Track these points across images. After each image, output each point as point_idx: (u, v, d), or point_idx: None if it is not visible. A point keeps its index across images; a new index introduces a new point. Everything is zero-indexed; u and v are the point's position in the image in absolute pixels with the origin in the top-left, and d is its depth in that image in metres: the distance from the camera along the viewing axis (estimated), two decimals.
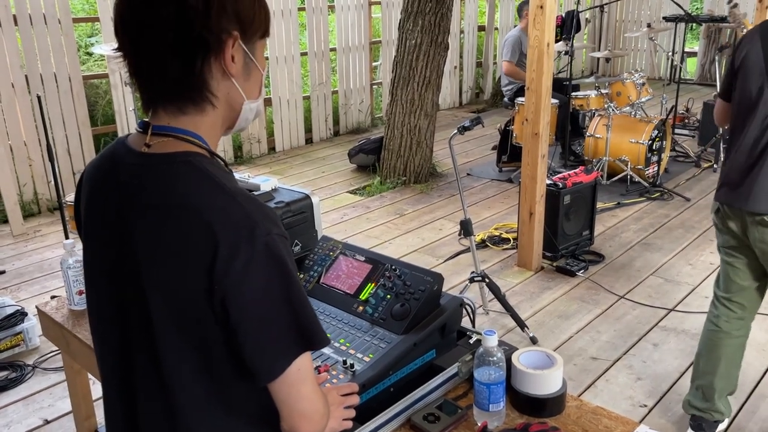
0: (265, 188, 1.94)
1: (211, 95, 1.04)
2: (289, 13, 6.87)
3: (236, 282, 0.96)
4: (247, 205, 0.99)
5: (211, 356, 1.03)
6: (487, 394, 1.40)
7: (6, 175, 4.82)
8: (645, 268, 4.20)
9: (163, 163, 1.03)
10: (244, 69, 1.06)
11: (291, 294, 1.00)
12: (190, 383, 1.06)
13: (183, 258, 0.98)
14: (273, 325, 1.00)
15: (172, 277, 1.00)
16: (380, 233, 4.88)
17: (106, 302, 1.14)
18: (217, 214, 0.97)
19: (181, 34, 0.98)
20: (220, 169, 1.05)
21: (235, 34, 1.02)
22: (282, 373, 1.01)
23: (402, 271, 1.62)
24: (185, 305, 1.00)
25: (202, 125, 1.06)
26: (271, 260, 0.98)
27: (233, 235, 0.96)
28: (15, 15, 5.02)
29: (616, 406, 2.84)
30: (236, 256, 0.95)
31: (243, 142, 6.82)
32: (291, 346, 1.02)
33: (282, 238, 1.00)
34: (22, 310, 3.43)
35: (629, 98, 5.79)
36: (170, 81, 1.02)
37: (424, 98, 5.75)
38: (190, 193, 1.00)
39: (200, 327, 1.01)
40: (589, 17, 10.57)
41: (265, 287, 0.98)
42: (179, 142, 1.04)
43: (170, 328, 1.03)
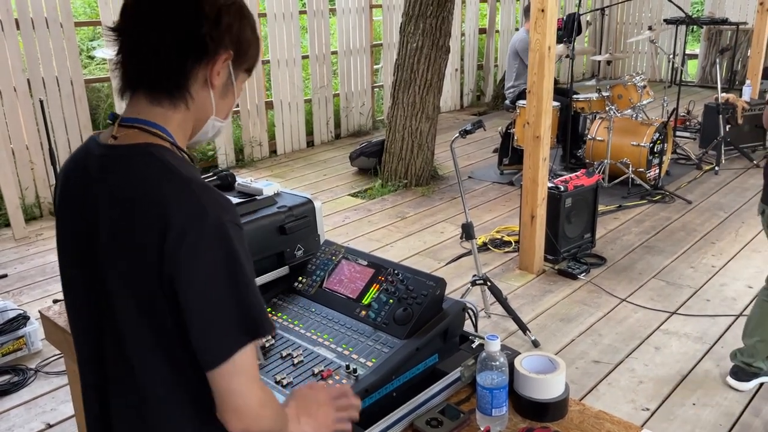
0: (267, 193, 1.93)
1: (188, 95, 1.11)
2: (291, 16, 6.88)
3: (183, 265, 1.00)
4: (199, 192, 1.03)
5: (170, 342, 1.06)
6: (489, 399, 1.40)
7: (8, 179, 4.83)
8: (647, 271, 4.20)
9: (126, 154, 1.08)
10: (223, 87, 1.14)
11: (236, 281, 1.02)
12: (154, 368, 1.08)
13: (139, 243, 1.02)
14: (215, 312, 1.01)
15: (130, 262, 1.04)
16: (382, 236, 4.88)
17: (79, 292, 1.18)
18: (170, 199, 1.02)
19: (190, 31, 1.07)
20: (182, 161, 1.09)
21: (230, 53, 1.11)
22: (219, 364, 1.02)
23: (404, 275, 1.62)
24: (142, 289, 1.04)
25: (172, 121, 1.12)
26: (217, 246, 1.01)
27: (183, 219, 1.00)
28: (17, 19, 5.03)
29: (619, 410, 2.83)
30: (183, 240, 0.99)
31: (244, 145, 6.83)
32: (230, 337, 1.02)
33: (233, 225, 1.03)
34: (24, 314, 3.43)
35: (630, 101, 5.79)
36: (160, 69, 1.08)
37: (426, 101, 5.75)
38: (147, 180, 1.05)
39: (157, 312, 1.04)
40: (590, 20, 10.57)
41: (210, 272, 1.01)
42: (144, 133, 1.09)
43: (131, 314, 1.06)
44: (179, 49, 1.07)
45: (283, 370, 1.47)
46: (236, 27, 1.11)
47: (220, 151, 6.62)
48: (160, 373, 1.09)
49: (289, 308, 1.71)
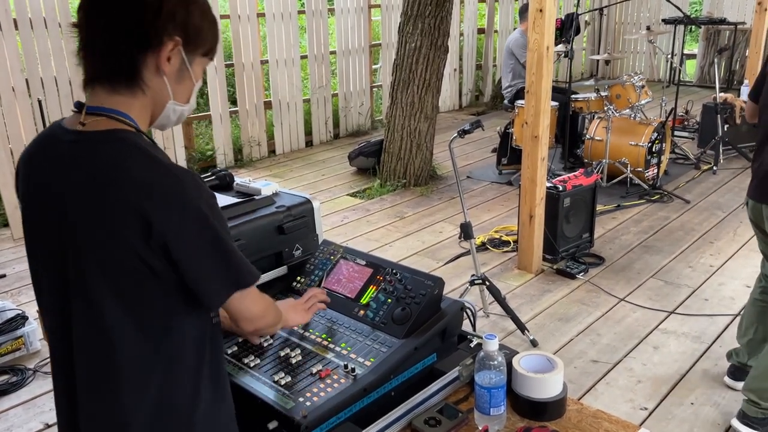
0: (265, 192, 1.94)
1: (142, 83, 1.16)
2: (289, 16, 6.88)
3: (172, 240, 1.10)
4: (178, 173, 1.12)
5: (143, 306, 1.14)
6: (487, 398, 1.40)
7: (6, 179, 4.82)
8: (645, 271, 4.20)
9: (99, 140, 1.13)
10: (178, 73, 1.19)
11: (222, 247, 1.15)
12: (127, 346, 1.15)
13: (120, 226, 1.09)
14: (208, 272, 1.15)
15: (110, 242, 1.10)
16: (380, 236, 4.88)
17: (48, 270, 1.22)
18: (154, 182, 1.09)
19: (131, 24, 1.12)
20: (150, 145, 1.15)
21: (177, 39, 1.14)
22: (226, 299, 1.19)
23: (403, 275, 1.63)
24: (122, 262, 1.11)
25: (134, 107, 1.17)
26: (199, 220, 1.12)
27: (167, 199, 1.09)
28: (15, 19, 5.02)
29: (617, 409, 2.84)
30: (170, 216, 1.09)
31: (243, 145, 6.83)
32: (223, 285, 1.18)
33: (211, 198, 1.15)
34: (23, 314, 3.43)
35: (629, 101, 5.80)
36: (111, 61, 1.13)
37: (424, 101, 5.76)
38: (126, 165, 1.10)
39: (136, 285, 1.12)
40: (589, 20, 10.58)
41: (197, 242, 1.12)
42: (111, 120, 1.14)
43: (105, 285, 1.13)
44: (125, 40, 1.12)
45: (282, 369, 1.47)
46: (181, 14, 1.14)
47: (218, 151, 6.61)
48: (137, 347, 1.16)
49: None
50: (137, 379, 1.17)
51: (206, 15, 1.20)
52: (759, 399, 2.60)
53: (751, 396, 2.63)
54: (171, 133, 6.12)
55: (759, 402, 2.60)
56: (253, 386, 1.42)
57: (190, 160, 6.40)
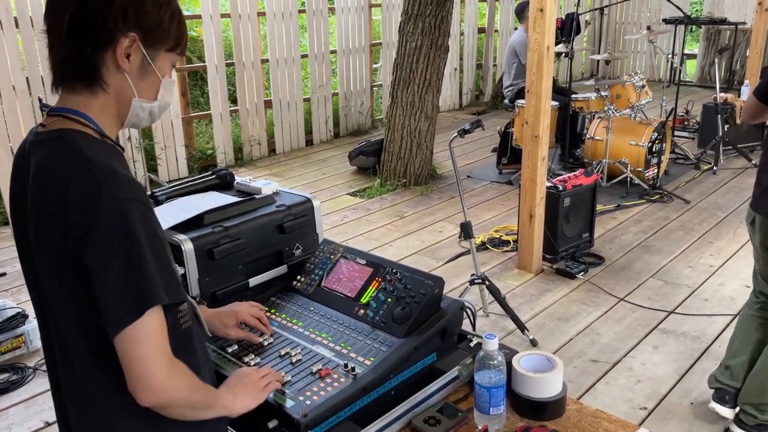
0: (266, 192, 1.94)
1: (102, 81, 1.14)
2: (290, 15, 6.88)
3: (82, 240, 1.05)
4: (98, 172, 1.07)
5: (87, 311, 1.10)
6: (487, 398, 1.40)
7: (7, 177, 4.81)
8: (645, 271, 4.20)
9: (46, 139, 1.15)
10: (140, 69, 1.16)
11: (128, 256, 1.06)
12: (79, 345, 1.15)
13: (49, 220, 1.09)
14: (109, 285, 1.06)
15: (45, 242, 1.11)
16: (380, 235, 4.88)
17: (27, 270, 1.23)
18: (71, 179, 1.07)
19: (78, 20, 1.10)
20: (96, 144, 1.13)
21: (132, 35, 1.12)
22: (116, 334, 1.06)
23: (403, 274, 1.63)
24: (55, 263, 1.10)
25: (93, 107, 1.16)
26: (111, 223, 1.05)
27: (82, 197, 1.06)
28: (16, 17, 5.03)
29: (616, 409, 2.84)
30: (82, 217, 1.05)
31: (243, 144, 6.83)
32: (125, 309, 1.06)
33: (132, 202, 1.07)
34: (23, 313, 3.43)
35: (629, 100, 5.80)
36: (66, 61, 1.13)
37: (425, 100, 5.76)
38: (54, 162, 1.11)
39: (72, 287, 1.10)
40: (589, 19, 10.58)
41: (104, 248, 1.05)
42: (68, 121, 1.14)
43: (51, 286, 1.14)
44: (78, 40, 1.11)
45: (282, 368, 1.47)
46: (133, 9, 1.11)
47: (219, 150, 6.62)
48: (85, 348, 1.14)
49: (288, 307, 1.71)
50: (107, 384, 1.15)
51: (165, 9, 1.16)
52: (757, 412, 2.60)
53: (748, 409, 2.62)
54: (171, 132, 6.13)
55: (756, 415, 2.60)
56: None
57: (190, 159, 6.40)
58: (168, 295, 1.09)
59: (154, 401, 1.09)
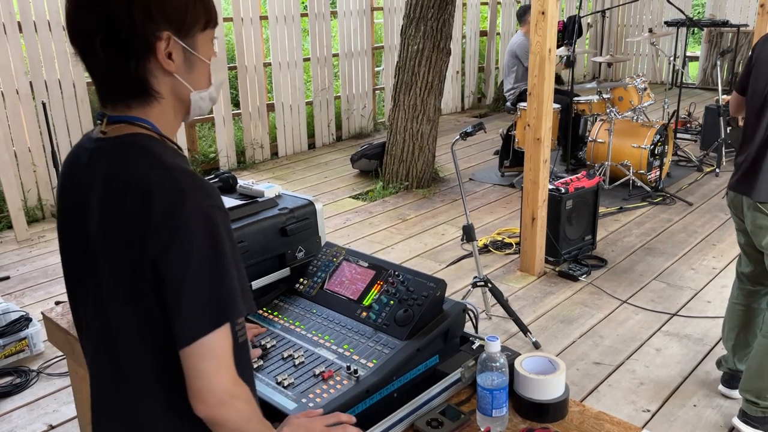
0: (268, 195, 1.95)
1: (153, 91, 1.11)
2: (292, 18, 6.90)
3: (163, 250, 1.02)
4: (182, 179, 1.05)
5: (154, 324, 1.08)
6: (490, 400, 1.40)
7: (10, 181, 4.84)
8: (647, 273, 4.20)
9: (113, 144, 1.12)
10: (185, 63, 1.12)
11: (213, 264, 1.03)
12: (138, 357, 1.12)
13: (125, 228, 1.05)
14: (187, 296, 1.03)
15: (118, 247, 1.07)
16: (383, 238, 4.88)
17: (77, 282, 1.20)
18: (153, 186, 1.04)
19: (109, 40, 1.06)
20: (166, 148, 1.12)
21: (166, 34, 1.07)
22: (188, 345, 1.03)
23: (405, 276, 1.63)
24: (128, 271, 1.06)
25: (151, 115, 1.13)
26: (198, 232, 1.02)
27: (166, 203, 1.02)
28: (19, 22, 5.05)
29: (619, 411, 2.84)
30: (166, 223, 1.02)
31: (246, 147, 6.84)
32: (198, 321, 1.03)
33: (215, 209, 1.05)
34: (26, 316, 3.44)
35: (631, 103, 5.80)
36: (112, 82, 1.11)
37: (427, 103, 5.77)
38: (131, 168, 1.08)
39: (142, 294, 1.06)
40: (591, 22, 10.59)
41: (188, 254, 1.02)
42: (131, 126, 1.12)
43: (118, 296, 1.09)
44: (114, 60, 1.07)
45: (285, 370, 1.47)
46: (155, 7, 1.05)
47: (221, 153, 6.63)
48: (144, 362, 1.11)
49: (291, 309, 1.72)
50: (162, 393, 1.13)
51: None
52: (757, 398, 2.61)
53: (748, 396, 2.64)
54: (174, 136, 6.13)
55: (757, 401, 2.61)
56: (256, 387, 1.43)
57: (193, 163, 6.42)
58: (245, 306, 1.08)
59: (209, 415, 1.06)
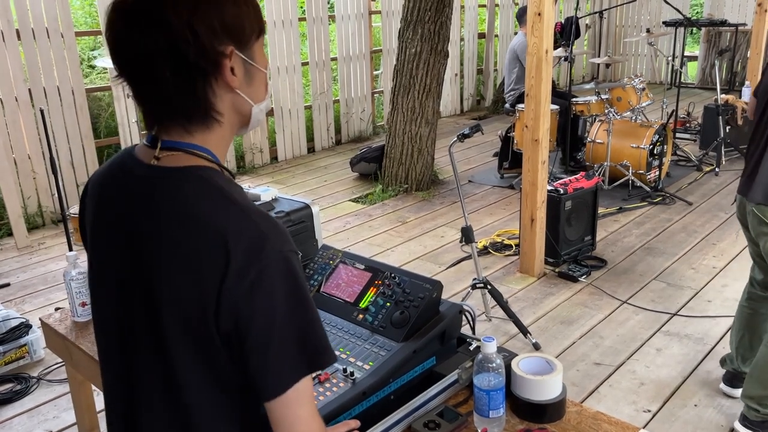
0: (265, 198, 1.95)
1: (216, 113, 1.04)
2: (290, 23, 6.91)
3: (245, 297, 0.96)
4: (260, 222, 0.99)
5: (220, 370, 1.02)
6: (486, 401, 1.40)
7: (10, 188, 4.85)
8: (647, 273, 4.19)
9: (175, 177, 1.02)
10: (245, 77, 1.05)
11: (300, 312, 0.99)
12: (201, 398, 1.04)
13: (195, 271, 0.98)
14: (278, 343, 0.98)
15: (185, 290, 0.99)
16: (382, 241, 4.88)
17: (112, 314, 1.12)
18: (230, 228, 0.97)
19: (176, 64, 0.97)
20: (231, 184, 1.04)
21: (231, 49, 1.01)
22: (283, 393, 0.98)
23: (401, 278, 1.63)
24: (197, 319, 0.98)
25: (211, 140, 1.06)
26: (281, 277, 0.97)
27: (245, 250, 0.96)
28: (18, 29, 5.06)
29: (620, 412, 2.83)
30: (247, 272, 0.95)
31: (245, 152, 6.85)
32: (293, 367, 0.99)
33: (294, 254, 1.00)
34: (26, 323, 3.44)
35: (630, 103, 5.80)
36: (173, 106, 1.02)
37: (425, 106, 5.77)
38: (203, 207, 0.99)
39: (210, 341, 0.99)
40: (589, 23, 10.60)
41: (273, 304, 0.97)
42: (188, 155, 1.04)
43: (182, 342, 1.01)
44: (180, 84, 0.99)
45: None
46: (216, 22, 0.98)
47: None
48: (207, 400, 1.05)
49: None
50: None
51: (236, 3, 1.02)
52: (758, 406, 2.59)
53: (749, 403, 2.62)
54: None
55: (758, 408, 2.59)
56: None
57: None
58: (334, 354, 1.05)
59: None
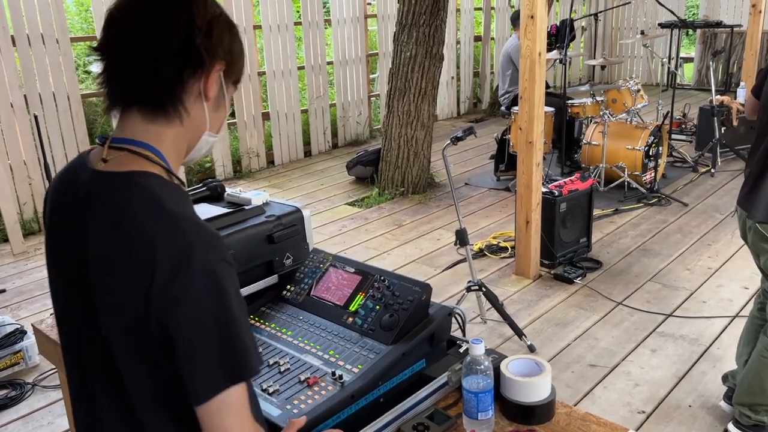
0: (255, 202, 1.95)
1: (183, 110, 1.07)
2: (285, 27, 6.92)
3: (171, 307, 0.97)
4: (189, 231, 1.00)
5: (160, 373, 1.04)
6: (475, 403, 1.40)
7: (6, 194, 4.85)
8: (643, 274, 4.20)
9: (114, 184, 1.04)
10: (215, 101, 1.11)
11: (223, 325, 1.00)
12: (144, 398, 1.07)
13: (127, 279, 1.00)
14: (201, 353, 0.99)
15: (120, 296, 1.01)
16: (378, 244, 4.89)
17: (67, 314, 1.17)
18: (158, 238, 0.98)
19: (184, 42, 1.03)
20: (171, 191, 1.05)
21: (222, 67, 1.09)
22: (206, 401, 1.00)
23: (391, 281, 1.63)
24: (133, 324, 1.01)
25: (165, 139, 1.08)
26: (205, 288, 0.98)
27: (171, 259, 0.97)
28: (13, 35, 5.07)
29: (614, 413, 2.83)
30: (172, 281, 0.97)
31: (242, 156, 6.86)
32: (216, 377, 1.00)
33: (223, 264, 1.01)
34: (21, 329, 3.44)
35: (625, 105, 5.82)
36: (154, 82, 1.04)
37: (421, 109, 5.78)
38: (134, 216, 1.01)
39: (146, 344, 1.01)
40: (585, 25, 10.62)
41: (197, 315, 0.98)
42: (135, 157, 1.05)
43: (121, 346, 1.04)
44: (175, 60, 1.03)
45: (270, 377, 1.47)
46: (227, 39, 1.09)
47: (217, 163, 6.64)
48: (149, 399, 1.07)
49: (277, 317, 1.72)
50: None
51: (241, 43, 1.15)
52: (750, 412, 2.59)
53: (741, 409, 2.62)
54: None
55: (750, 415, 2.59)
56: None
57: (189, 173, 6.43)
58: (258, 364, 1.05)
59: None
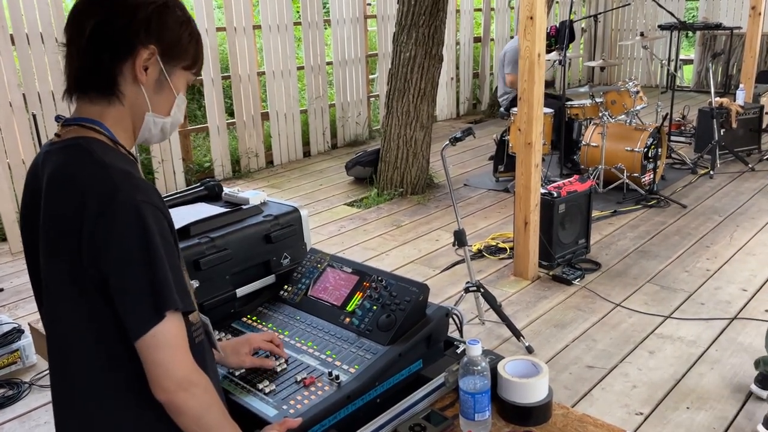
0: (253, 202, 1.95)
1: (118, 91, 1.16)
2: (285, 27, 6.92)
3: (100, 242, 1.06)
4: (116, 176, 1.09)
5: (102, 320, 1.12)
6: (472, 404, 1.40)
7: (4, 193, 4.84)
8: (641, 276, 4.20)
9: (60, 147, 1.16)
10: (156, 83, 1.19)
11: (148, 260, 1.07)
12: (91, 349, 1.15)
13: (62, 226, 1.10)
14: (130, 288, 1.08)
15: (57, 243, 1.11)
16: (377, 245, 4.88)
17: (37, 285, 1.24)
18: (88, 182, 1.08)
19: (100, 30, 1.12)
20: (112, 151, 1.15)
21: (152, 48, 1.15)
22: (140, 336, 1.07)
23: (388, 282, 1.63)
24: (67, 269, 1.10)
25: (108, 117, 1.17)
26: (130, 224, 1.06)
27: (98, 198, 1.07)
28: (12, 34, 5.06)
29: (612, 415, 2.83)
30: (98, 219, 1.06)
31: (241, 156, 6.85)
32: (145, 312, 1.07)
33: (148, 206, 1.08)
34: (18, 328, 3.43)
35: (624, 106, 5.82)
36: (84, 70, 1.15)
37: (420, 110, 5.78)
38: (71, 168, 1.12)
39: (86, 292, 1.10)
40: (585, 27, 10.62)
41: (124, 248, 1.07)
42: (83, 129, 1.16)
43: (61, 293, 1.14)
44: (95, 46, 1.13)
45: (266, 378, 1.47)
46: (156, 22, 1.14)
47: (216, 163, 6.64)
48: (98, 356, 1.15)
49: (275, 317, 1.72)
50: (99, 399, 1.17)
51: (185, 27, 1.20)
52: None
53: None
54: (168, 145, 6.14)
55: None
56: (236, 394, 1.43)
57: (187, 173, 6.42)
58: (181, 302, 1.11)
59: (168, 400, 1.10)
